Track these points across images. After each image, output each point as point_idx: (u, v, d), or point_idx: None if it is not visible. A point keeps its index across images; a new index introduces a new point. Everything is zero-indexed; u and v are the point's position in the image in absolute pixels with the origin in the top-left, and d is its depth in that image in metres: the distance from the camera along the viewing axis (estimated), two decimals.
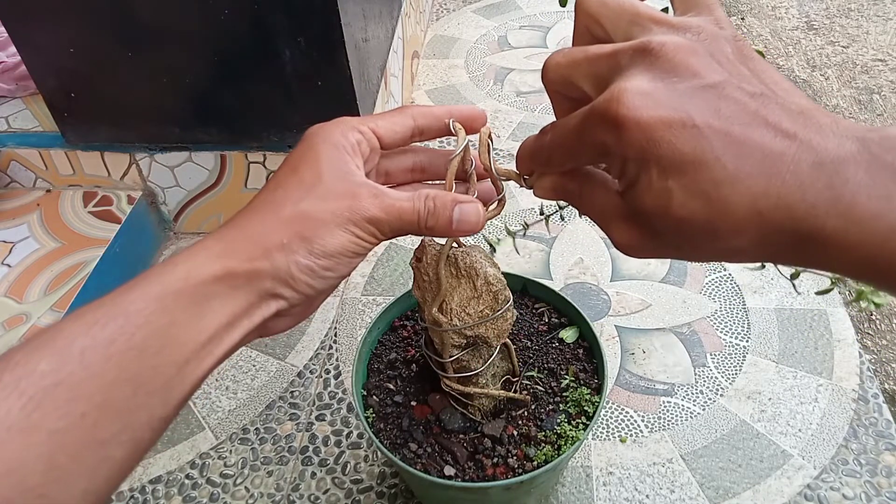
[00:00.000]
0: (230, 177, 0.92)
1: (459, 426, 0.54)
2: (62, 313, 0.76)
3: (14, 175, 0.94)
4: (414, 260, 0.49)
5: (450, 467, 0.52)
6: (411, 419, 0.55)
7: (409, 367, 0.59)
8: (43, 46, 0.82)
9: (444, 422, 0.54)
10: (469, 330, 0.49)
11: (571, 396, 0.56)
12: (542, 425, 0.55)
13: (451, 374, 0.52)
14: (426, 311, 0.49)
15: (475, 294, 0.49)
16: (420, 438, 0.54)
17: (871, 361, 0.83)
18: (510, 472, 0.52)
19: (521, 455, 0.53)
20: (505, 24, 1.42)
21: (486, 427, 0.54)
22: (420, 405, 0.56)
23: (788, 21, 1.52)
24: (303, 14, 0.76)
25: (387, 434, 0.54)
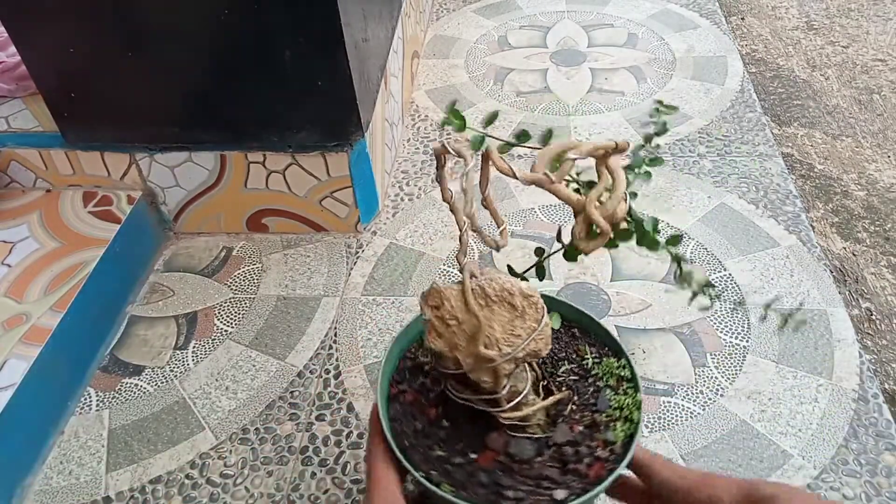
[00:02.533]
0: (230, 177, 0.92)
1: (533, 451, 0.52)
2: (62, 313, 0.77)
3: (14, 175, 0.95)
4: (430, 310, 0.48)
5: (558, 491, 0.49)
6: (485, 471, 0.51)
7: (440, 428, 0.54)
8: (43, 46, 0.82)
9: (517, 455, 0.51)
10: (522, 351, 0.48)
11: (602, 371, 0.56)
12: (597, 408, 0.54)
13: (506, 404, 0.50)
14: (461, 355, 0.48)
15: (517, 313, 0.48)
16: (508, 483, 0.50)
17: (871, 361, 0.83)
18: (606, 463, 0.50)
19: (603, 443, 0.52)
20: (505, 24, 1.42)
21: (556, 438, 0.52)
22: (482, 454, 0.52)
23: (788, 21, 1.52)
24: (303, 14, 0.76)
25: (475, 498, 0.49)
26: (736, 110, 1.14)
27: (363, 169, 0.91)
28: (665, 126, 0.48)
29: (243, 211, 0.96)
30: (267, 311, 0.86)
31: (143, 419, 0.76)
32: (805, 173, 1.12)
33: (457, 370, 0.49)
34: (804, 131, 1.21)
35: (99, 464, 0.72)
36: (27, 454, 0.72)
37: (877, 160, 1.14)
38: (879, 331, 0.88)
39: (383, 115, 0.99)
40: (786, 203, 0.95)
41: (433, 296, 0.48)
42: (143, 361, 0.82)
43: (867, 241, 1.00)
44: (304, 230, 0.97)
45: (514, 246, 0.92)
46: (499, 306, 0.48)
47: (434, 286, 0.48)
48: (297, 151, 0.88)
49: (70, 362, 0.78)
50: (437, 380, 0.55)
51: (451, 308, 0.47)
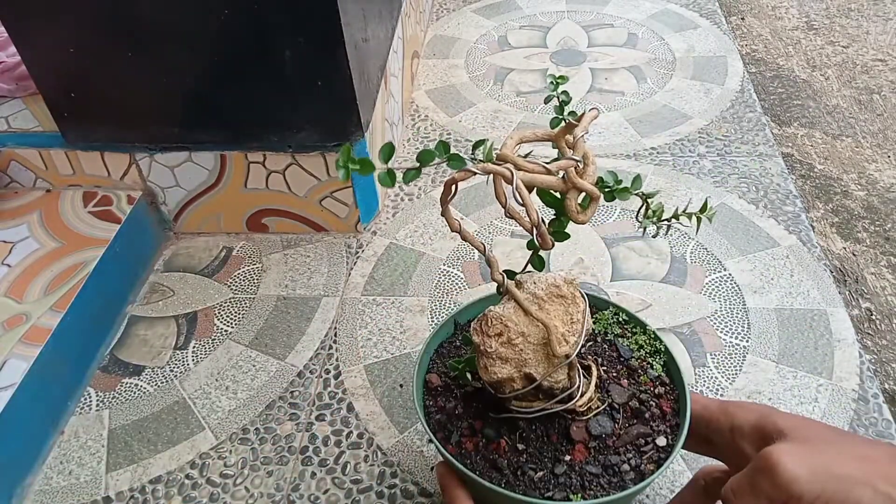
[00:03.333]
0: (230, 177, 0.92)
1: (610, 422, 0.53)
2: (62, 313, 0.77)
3: (14, 175, 0.95)
4: (492, 339, 0.47)
5: (658, 439, 0.52)
6: (588, 463, 0.51)
7: (519, 453, 0.52)
8: (43, 46, 0.82)
9: (602, 433, 0.52)
10: (584, 335, 0.49)
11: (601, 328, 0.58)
12: (624, 357, 0.56)
13: (578, 394, 0.51)
14: (534, 368, 0.48)
15: (569, 300, 0.49)
16: (616, 459, 0.50)
17: (872, 361, 0.83)
18: (668, 395, 0.54)
19: (652, 382, 0.55)
20: (505, 24, 1.42)
21: (615, 399, 0.54)
22: (574, 451, 0.52)
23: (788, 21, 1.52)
24: (303, 14, 0.76)
25: (603, 490, 0.49)
26: (736, 110, 1.14)
27: None
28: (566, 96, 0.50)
29: (243, 211, 0.96)
30: (267, 311, 0.86)
31: (143, 419, 0.76)
32: (805, 173, 1.13)
33: (526, 388, 0.49)
34: (804, 131, 1.21)
35: (99, 464, 0.72)
36: (27, 454, 0.72)
37: (877, 160, 1.14)
38: (879, 331, 0.88)
39: (383, 115, 0.99)
40: (786, 203, 0.95)
41: (493, 324, 0.47)
42: (143, 361, 0.82)
43: (867, 241, 1.00)
44: (304, 230, 0.97)
45: (514, 246, 0.92)
46: (551, 303, 0.48)
47: (490, 314, 0.48)
48: (297, 151, 0.89)
49: (70, 362, 0.78)
50: (480, 417, 0.54)
51: (516, 325, 0.47)
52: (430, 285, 0.88)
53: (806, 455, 0.41)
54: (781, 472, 0.40)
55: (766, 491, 0.41)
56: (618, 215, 0.95)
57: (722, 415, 0.49)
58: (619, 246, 0.91)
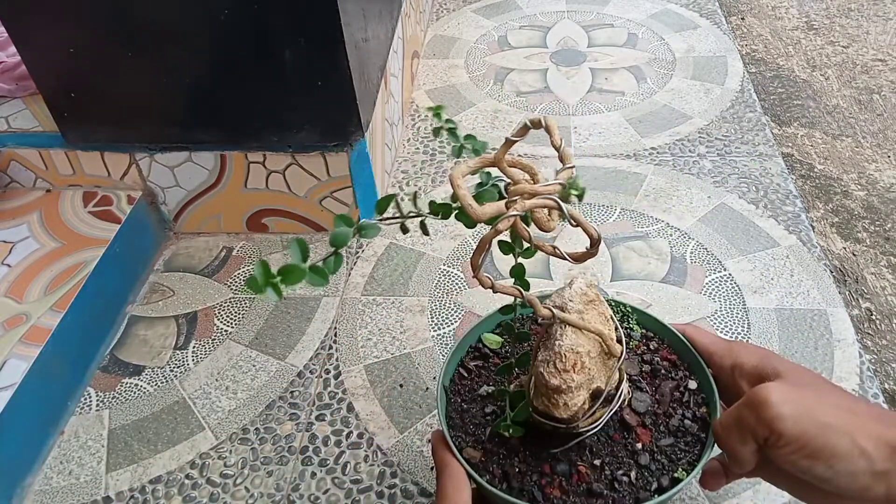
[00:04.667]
0: (230, 177, 0.92)
1: (645, 396, 0.54)
2: (62, 313, 0.76)
3: (14, 175, 0.95)
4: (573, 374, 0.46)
5: (690, 382, 0.54)
6: (652, 442, 0.51)
7: (599, 471, 0.51)
8: (43, 46, 0.82)
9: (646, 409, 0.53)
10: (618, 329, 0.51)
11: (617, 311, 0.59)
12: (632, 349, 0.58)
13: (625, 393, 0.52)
14: (601, 379, 0.48)
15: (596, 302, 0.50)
16: (676, 419, 0.52)
17: (871, 361, 0.83)
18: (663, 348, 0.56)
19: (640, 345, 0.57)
20: (505, 24, 1.42)
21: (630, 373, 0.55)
22: (638, 437, 0.52)
23: (788, 21, 1.52)
24: (303, 14, 0.76)
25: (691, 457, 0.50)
26: (736, 110, 1.14)
27: (363, 169, 0.91)
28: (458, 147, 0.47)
29: (243, 211, 0.96)
30: (267, 311, 0.86)
31: (143, 419, 0.76)
32: (805, 173, 1.12)
33: (594, 403, 0.49)
34: (804, 131, 1.21)
35: (99, 464, 0.72)
36: (27, 454, 0.72)
37: (877, 160, 1.14)
38: (879, 331, 0.88)
39: (383, 115, 0.99)
40: (786, 203, 0.95)
41: (568, 358, 0.46)
42: (143, 361, 0.82)
43: (867, 241, 1.00)
44: (304, 230, 0.97)
45: None
46: (588, 312, 0.49)
47: (561, 349, 0.46)
48: (297, 151, 0.89)
49: (70, 362, 0.78)
50: (536, 461, 0.51)
51: (585, 349, 0.47)
52: (430, 285, 0.88)
53: (795, 397, 0.42)
54: (768, 409, 0.42)
55: (751, 425, 0.43)
56: (618, 215, 0.95)
57: (726, 352, 0.52)
58: (619, 246, 0.91)
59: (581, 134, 1.11)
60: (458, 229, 0.95)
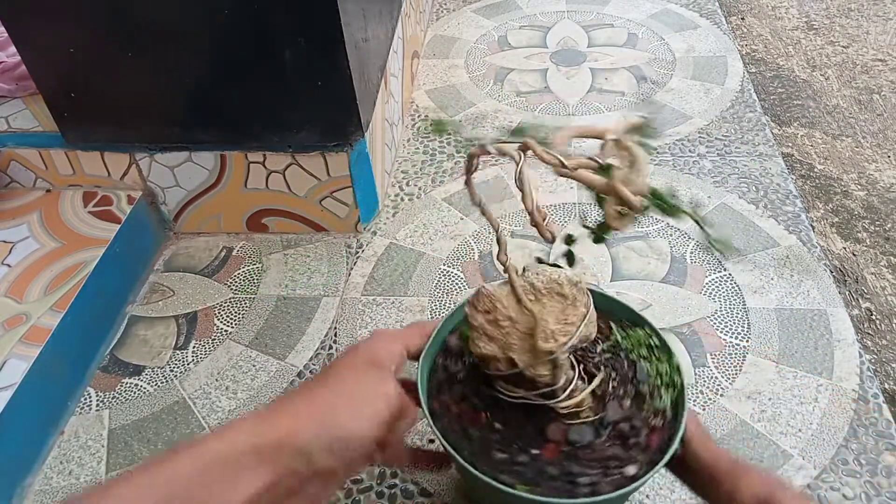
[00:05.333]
0: (230, 177, 0.92)
1: (592, 434, 0.52)
2: (62, 313, 0.76)
3: (14, 175, 0.95)
4: (481, 316, 0.48)
5: (628, 468, 0.49)
6: (552, 464, 0.51)
7: (493, 431, 0.53)
8: (43, 46, 0.82)
9: (579, 442, 0.51)
10: (576, 338, 0.48)
11: (629, 344, 0.56)
12: (638, 379, 0.54)
13: (563, 395, 0.50)
14: (517, 354, 0.48)
15: (568, 301, 0.48)
16: (578, 470, 0.50)
17: (872, 361, 0.83)
18: (662, 431, 0.51)
19: (654, 412, 0.52)
20: (505, 23, 1.42)
21: (609, 417, 0.52)
22: (545, 448, 0.52)
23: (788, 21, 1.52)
24: (303, 14, 0.76)
25: (551, 492, 0.49)
26: (736, 110, 1.14)
27: (363, 169, 0.91)
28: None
29: (243, 211, 0.96)
30: (267, 311, 0.86)
31: (143, 419, 0.76)
32: (805, 173, 1.12)
33: (510, 371, 0.49)
34: (804, 131, 1.21)
35: (99, 464, 0.72)
36: (27, 454, 0.72)
37: (877, 160, 1.14)
38: (879, 331, 0.88)
39: (383, 115, 0.99)
40: (786, 203, 0.95)
41: (483, 301, 0.48)
42: (143, 361, 0.82)
43: (867, 241, 1.00)
44: (304, 230, 0.97)
45: (514, 246, 0.92)
46: (549, 298, 0.48)
47: (482, 290, 0.48)
48: (297, 151, 0.89)
49: (70, 362, 0.78)
50: (475, 387, 0.54)
51: (504, 308, 0.47)
52: (430, 285, 0.88)
53: None
54: None
55: None
56: None
57: (727, 477, 0.47)
58: (619, 246, 0.91)
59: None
60: (457, 230, 0.95)
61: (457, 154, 1.08)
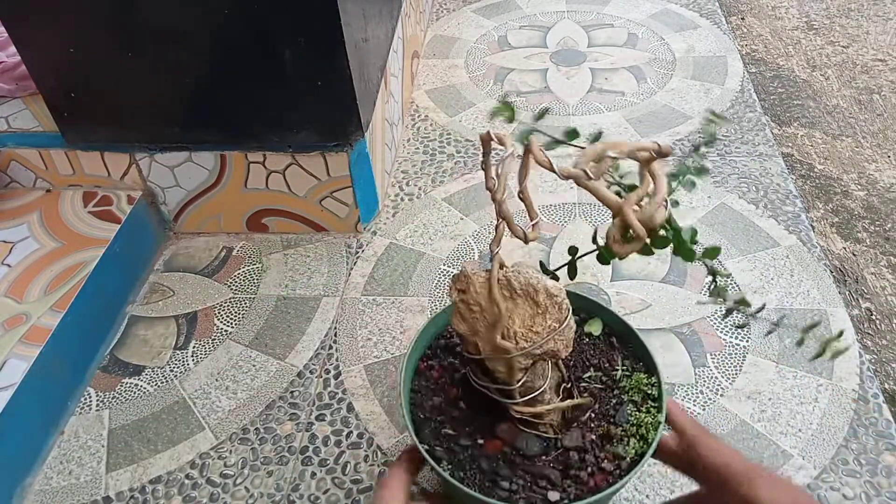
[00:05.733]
0: (230, 177, 0.92)
1: (539, 449, 0.52)
2: (62, 313, 0.76)
3: (14, 175, 0.94)
4: (456, 293, 0.49)
5: (552, 492, 0.49)
6: (488, 458, 0.52)
7: (456, 408, 0.55)
8: (43, 46, 0.82)
9: (523, 449, 0.52)
10: (538, 348, 0.48)
11: (629, 385, 0.55)
12: (615, 421, 0.53)
13: (519, 398, 0.50)
14: (481, 342, 0.48)
15: (539, 310, 0.48)
16: (507, 474, 0.50)
17: (871, 361, 0.83)
18: (609, 476, 0.50)
19: (612, 456, 0.51)
20: (505, 23, 1.42)
21: (565, 441, 0.52)
22: (490, 441, 0.53)
23: (788, 21, 1.52)
24: (303, 14, 0.76)
25: (471, 481, 0.50)
26: (736, 110, 1.14)
27: (363, 169, 0.91)
28: (714, 136, 0.48)
29: (243, 211, 0.96)
30: (267, 311, 0.86)
31: (143, 419, 0.76)
32: (805, 173, 1.12)
33: (476, 355, 0.50)
34: (804, 131, 1.21)
35: (99, 464, 0.72)
36: (27, 454, 0.72)
37: (877, 160, 1.14)
38: (879, 331, 0.88)
39: (383, 115, 0.99)
40: (786, 203, 0.95)
41: (461, 280, 0.48)
42: (143, 361, 0.82)
43: (867, 241, 1.00)
44: (304, 230, 0.97)
45: (515, 246, 0.92)
46: (523, 300, 0.48)
47: (463, 270, 0.49)
48: (297, 151, 0.88)
49: (70, 362, 0.78)
50: (464, 363, 0.56)
51: (476, 294, 0.48)
52: (430, 285, 0.88)
53: None
54: None
55: None
56: None
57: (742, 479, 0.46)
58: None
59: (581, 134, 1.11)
60: (457, 230, 0.95)
61: (457, 154, 1.08)
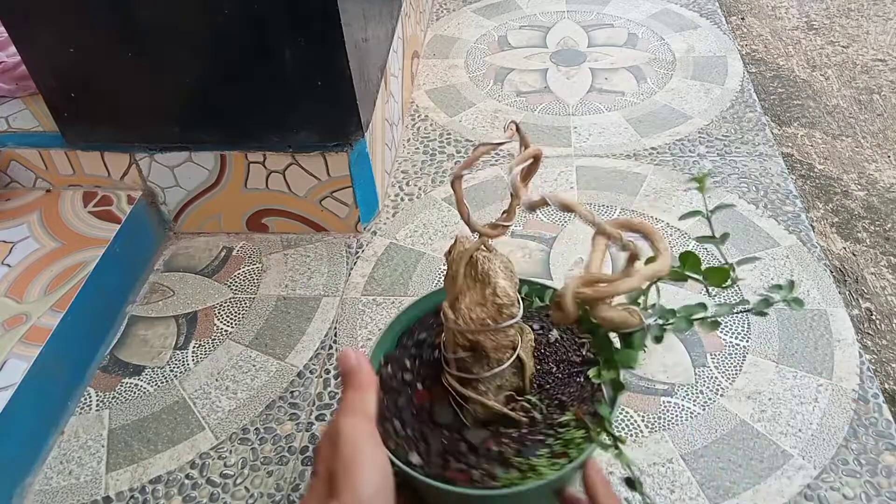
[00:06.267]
0: (230, 177, 0.92)
1: (447, 422, 0.54)
2: (62, 313, 0.77)
3: (14, 175, 0.95)
4: (447, 252, 0.51)
5: (416, 456, 0.51)
6: (409, 400, 0.55)
7: (433, 351, 0.58)
8: (43, 46, 0.82)
9: (435, 413, 0.54)
10: (470, 334, 0.49)
11: (565, 435, 0.53)
12: (522, 451, 0.52)
13: (454, 371, 0.52)
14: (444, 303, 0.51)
15: (482, 301, 0.49)
16: (407, 419, 0.54)
17: (871, 361, 0.83)
18: (470, 484, 0.50)
19: (488, 472, 0.51)
20: (505, 23, 1.42)
21: (469, 432, 0.53)
22: (424, 390, 0.56)
23: (788, 21, 1.52)
24: (303, 14, 0.76)
25: (381, 406, 0.54)
26: (736, 110, 1.14)
27: (363, 169, 0.91)
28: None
29: (243, 211, 0.96)
30: (267, 311, 0.86)
31: (143, 419, 0.76)
32: (805, 173, 1.12)
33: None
34: (804, 131, 1.21)
35: (99, 464, 0.72)
36: (27, 454, 0.72)
37: (877, 160, 1.14)
38: (879, 331, 0.88)
39: (383, 115, 0.99)
40: (786, 203, 0.95)
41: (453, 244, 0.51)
42: (143, 361, 0.82)
43: (867, 241, 1.00)
44: (304, 230, 0.97)
45: (514, 246, 0.92)
46: (480, 286, 0.49)
47: (459, 236, 0.51)
48: (297, 151, 0.88)
49: (70, 362, 0.78)
50: None
51: (452, 259, 0.50)
52: (430, 285, 0.88)
53: None
54: None
55: None
56: (618, 215, 0.95)
57: None
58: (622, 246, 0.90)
59: (581, 134, 1.11)
60: (457, 230, 0.95)
61: (457, 154, 1.08)
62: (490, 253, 0.50)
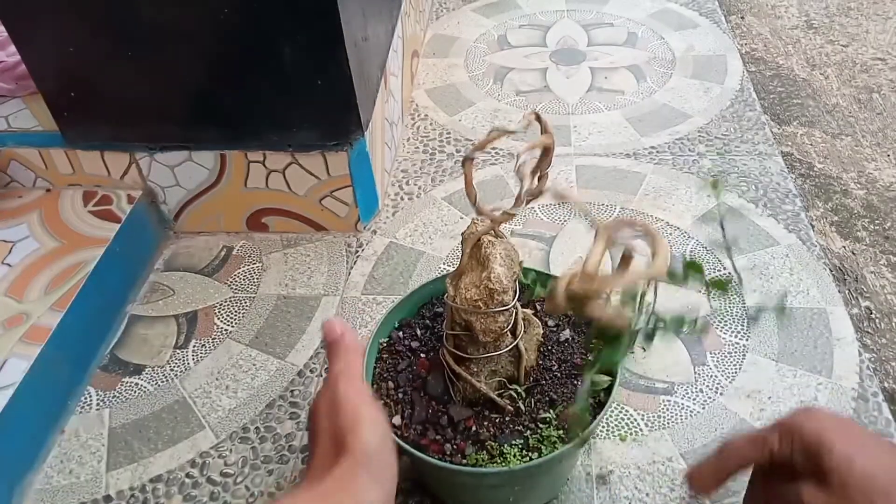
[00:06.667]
0: (230, 176, 0.92)
1: (436, 394, 0.56)
2: (62, 313, 0.77)
3: (14, 174, 0.95)
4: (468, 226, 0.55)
5: (399, 418, 0.55)
6: (410, 365, 0.58)
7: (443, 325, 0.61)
8: (43, 46, 0.82)
9: (428, 384, 0.57)
10: (464, 313, 0.51)
11: (543, 432, 0.54)
12: (497, 437, 0.54)
13: (450, 346, 0.54)
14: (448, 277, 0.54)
15: (478, 283, 0.50)
16: (401, 383, 0.57)
17: (871, 360, 0.83)
18: (442, 456, 0.53)
19: (461, 448, 0.53)
20: (504, 23, 1.42)
21: (453, 408, 0.55)
22: (426, 360, 0.59)
23: (788, 20, 1.52)
24: (303, 13, 0.76)
25: (382, 365, 0.59)
26: (735, 109, 1.14)
27: (363, 168, 0.91)
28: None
29: (243, 210, 0.96)
30: (267, 311, 0.86)
31: (144, 418, 0.76)
32: (804, 172, 1.12)
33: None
34: (804, 130, 1.21)
35: (99, 463, 0.72)
36: (27, 453, 0.72)
37: (876, 159, 1.14)
38: (879, 329, 0.88)
39: (383, 114, 0.99)
40: (785, 202, 0.96)
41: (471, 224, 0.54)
42: (144, 360, 0.82)
43: (867, 240, 1.00)
44: (304, 229, 0.97)
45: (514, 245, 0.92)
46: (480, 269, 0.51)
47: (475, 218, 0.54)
48: (296, 150, 0.89)
49: (70, 362, 0.78)
50: None
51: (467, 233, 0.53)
52: None
53: None
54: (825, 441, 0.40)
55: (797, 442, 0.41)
56: (617, 214, 0.95)
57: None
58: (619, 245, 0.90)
59: (581, 133, 1.11)
60: (456, 229, 0.95)
61: (457, 153, 1.08)
62: (496, 238, 0.51)
